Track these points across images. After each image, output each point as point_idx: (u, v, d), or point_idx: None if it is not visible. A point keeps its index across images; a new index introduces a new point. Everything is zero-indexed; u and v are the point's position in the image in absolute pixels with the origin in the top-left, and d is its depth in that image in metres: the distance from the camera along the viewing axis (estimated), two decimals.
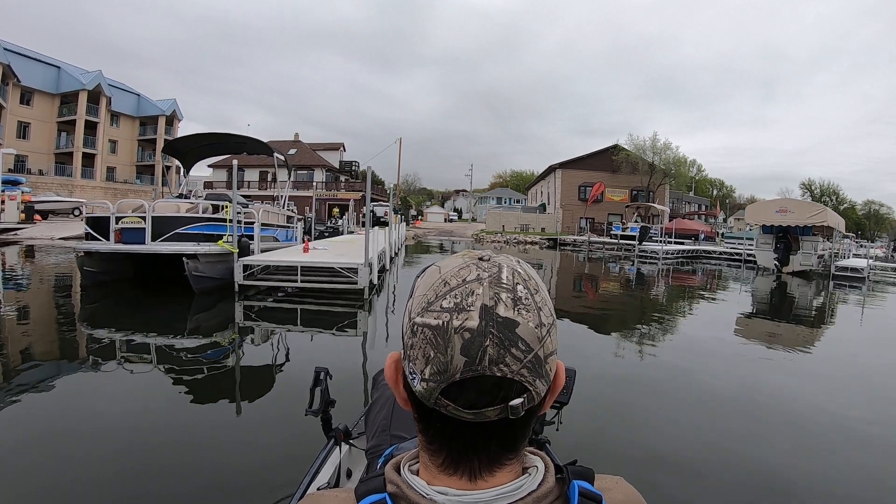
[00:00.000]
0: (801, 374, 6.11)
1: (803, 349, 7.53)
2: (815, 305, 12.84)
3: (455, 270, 0.55)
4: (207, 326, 7.47)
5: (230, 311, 8.27)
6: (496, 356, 0.50)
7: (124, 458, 3.19)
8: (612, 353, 6.82)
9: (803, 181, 78.40)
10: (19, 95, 40.67)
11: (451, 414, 0.53)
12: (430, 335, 0.52)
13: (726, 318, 10.04)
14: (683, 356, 6.63)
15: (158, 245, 8.99)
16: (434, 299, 0.53)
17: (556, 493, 0.57)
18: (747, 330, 9.03)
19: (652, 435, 3.93)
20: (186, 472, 3.08)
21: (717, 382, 5.46)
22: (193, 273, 8.73)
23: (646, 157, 42.89)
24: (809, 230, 20.44)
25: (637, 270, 20.82)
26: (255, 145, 12.69)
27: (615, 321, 9.55)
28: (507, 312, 0.52)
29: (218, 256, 9.24)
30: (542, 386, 0.54)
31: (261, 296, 9.24)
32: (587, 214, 44.36)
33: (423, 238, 39.99)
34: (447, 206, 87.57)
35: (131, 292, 9.65)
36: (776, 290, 16.07)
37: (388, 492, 0.56)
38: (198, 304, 8.59)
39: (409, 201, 72.50)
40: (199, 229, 9.22)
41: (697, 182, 71.58)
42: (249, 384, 4.95)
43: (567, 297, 12.62)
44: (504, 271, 0.55)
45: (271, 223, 12.51)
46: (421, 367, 0.53)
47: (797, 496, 3.11)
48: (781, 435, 4.05)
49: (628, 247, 30.34)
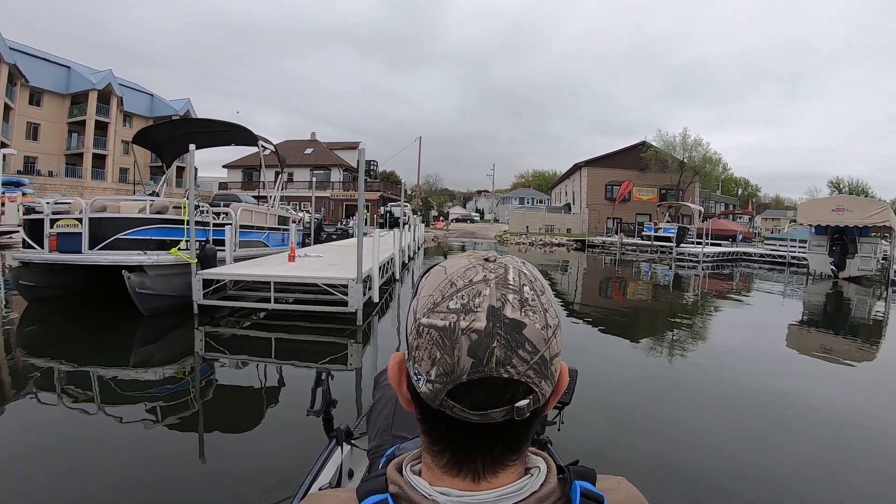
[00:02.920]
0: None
1: (872, 369, 6.54)
2: (882, 317, 11.00)
3: (461, 271, 0.54)
4: (153, 360, 5.68)
5: (183, 343, 6.37)
6: (503, 357, 0.50)
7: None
8: (673, 363, 6.46)
9: (831, 179, 75.21)
10: (28, 96, 40.04)
11: (456, 415, 0.52)
12: (436, 336, 0.51)
13: (778, 326, 9.15)
14: (735, 365, 6.26)
15: (94, 255, 7.07)
16: (440, 300, 0.53)
17: (558, 494, 0.57)
18: (804, 344, 7.92)
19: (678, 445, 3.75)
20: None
21: (757, 395, 4.99)
22: (138, 290, 6.79)
23: (675, 154, 41.13)
24: (867, 231, 18.34)
25: (675, 275, 19.07)
26: (240, 134, 10.66)
27: (665, 330, 8.65)
28: (515, 314, 0.51)
29: (173, 268, 7.30)
30: (547, 387, 0.54)
31: (236, 318, 7.29)
32: (614, 214, 42.61)
33: (443, 240, 38.05)
34: (469, 206, 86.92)
35: (74, 312, 7.81)
36: (834, 297, 14.11)
37: (390, 492, 0.56)
38: (145, 331, 6.70)
39: (430, 202, 70.99)
40: (149, 234, 7.27)
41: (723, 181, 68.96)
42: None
43: (610, 305, 11.35)
44: (510, 272, 0.55)
45: (257, 225, 10.53)
46: (427, 368, 0.52)
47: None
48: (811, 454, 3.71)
49: (664, 249, 28.36)
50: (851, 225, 17.91)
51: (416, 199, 55.65)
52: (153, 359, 5.78)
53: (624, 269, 20.94)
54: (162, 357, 5.84)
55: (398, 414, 1.52)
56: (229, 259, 8.20)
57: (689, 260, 24.53)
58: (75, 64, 43.50)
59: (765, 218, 70.34)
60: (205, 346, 6.27)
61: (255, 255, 9.86)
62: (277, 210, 11.99)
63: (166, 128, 10.66)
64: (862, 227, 17.99)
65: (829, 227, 18.68)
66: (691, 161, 40.76)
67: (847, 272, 18.12)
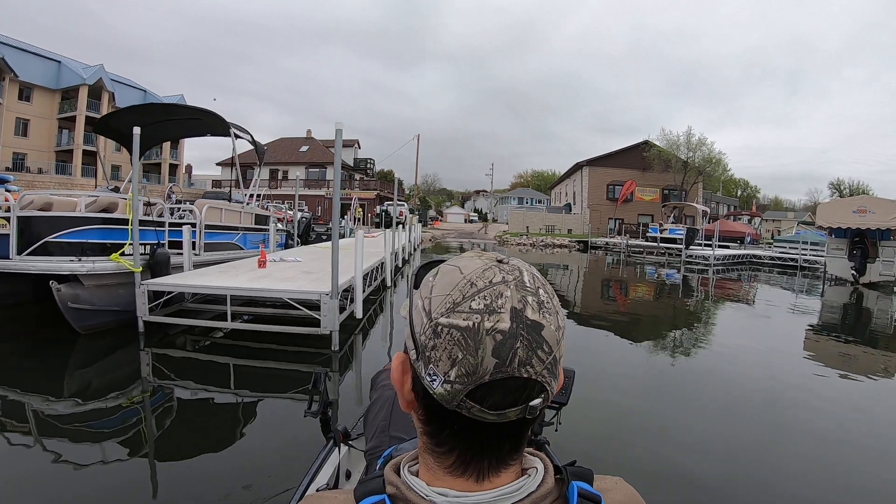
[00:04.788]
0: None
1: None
2: None
3: (479, 272, 0.54)
4: (86, 390, 4.65)
5: (123, 368, 5.30)
6: (525, 358, 0.51)
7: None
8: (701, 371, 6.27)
9: (831, 181, 73.88)
10: (17, 91, 38.97)
11: (473, 416, 0.52)
12: (458, 336, 0.51)
13: (796, 335, 8.73)
14: (751, 372, 6.05)
15: (21, 261, 5.94)
16: (461, 300, 0.52)
17: (555, 494, 0.57)
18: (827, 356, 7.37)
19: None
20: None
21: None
22: (70, 305, 5.68)
23: (679, 153, 40.22)
24: (888, 234, 17.52)
25: (685, 278, 18.28)
26: (213, 122, 9.44)
27: (688, 337, 8.37)
28: (535, 315, 0.52)
29: (117, 277, 6.18)
30: (555, 386, 0.55)
31: (196, 337, 6.15)
32: (616, 215, 41.90)
33: (441, 240, 37.02)
34: (467, 206, 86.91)
35: (14, 324, 6.71)
36: (855, 305, 13.37)
37: (388, 493, 0.56)
38: (80, 354, 5.61)
39: (428, 201, 70.47)
40: (86, 236, 6.13)
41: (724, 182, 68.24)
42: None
43: (629, 311, 10.75)
44: (525, 275, 0.55)
45: (228, 225, 9.36)
46: (445, 368, 0.52)
47: None
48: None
49: (671, 251, 27.41)
50: (874, 227, 17.25)
51: (415, 199, 54.66)
52: (87, 389, 4.76)
53: (633, 273, 20.02)
54: (96, 387, 4.81)
55: (396, 415, 1.51)
56: (187, 265, 7.05)
57: (698, 263, 23.68)
58: (66, 59, 42.39)
59: (765, 219, 69.89)
60: (152, 371, 5.26)
61: (227, 259, 8.73)
62: (254, 208, 10.75)
63: (132, 115, 9.44)
64: (885, 230, 17.27)
65: (848, 229, 17.91)
66: (695, 160, 39.88)
67: (867, 277, 17.42)
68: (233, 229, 9.47)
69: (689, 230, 27.80)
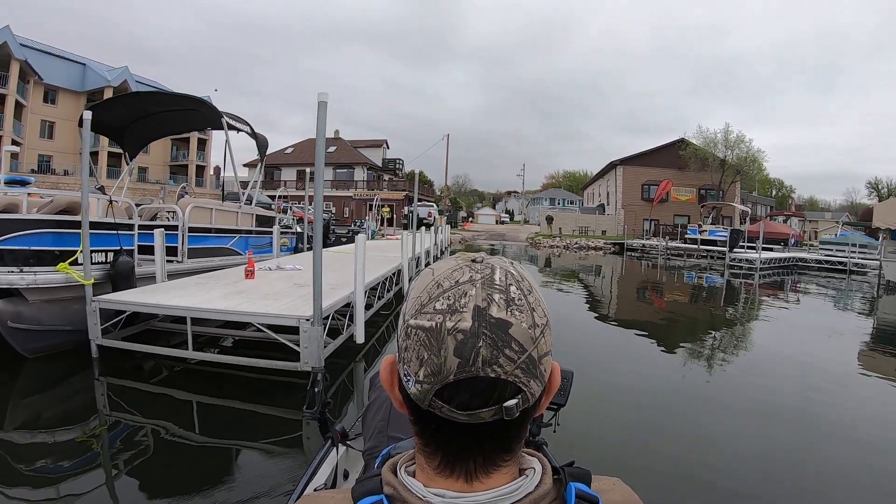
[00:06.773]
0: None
1: None
2: None
3: (448, 272, 0.54)
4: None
5: (69, 401, 4.27)
6: (489, 357, 0.50)
7: None
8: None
9: (869, 180, 70.50)
10: (42, 94, 39.41)
11: (445, 416, 0.52)
12: (423, 337, 0.51)
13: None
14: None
15: None
16: (427, 301, 0.53)
17: (553, 495, 0.57)
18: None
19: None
20: None
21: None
22: (10, 325, 4.64)
23: (717, 151, 38.31)
24: None
25: (728, 283, 17.08)
26: (204, 111, 8.40)
27: (737, 343, 8.21)
28: (500, 313, 0.51)
29: (71, 291, 5.11)
30: (536, 387, 0.53)
31: (174, 363, 5.01)
32: (652, 216, 40.05)
33: (471, 241, 35.73)
34: (498, 207, 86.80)
35: None
36: None
37: (385, 493, 0.55)
38: (26, 379, 4.61)
39: (458, 202, 69.70)
40: (31, 242, 5.02)
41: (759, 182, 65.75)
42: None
43: (681, 317, 9.86)
44: (497, 272, 0.54)
45: (221, 227, 8.19)
46: (415, 368, 0.52)
47: None
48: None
49: (713, 254, 25.69)
50: None
51: (445, 200, 53.54)
52: (36, 420, 3.97)
53: (676, 278, 18.46)
54: (46, 419, 3.97)
55: (393, 415, 1.50)
56: (160, 275, 5.90)
57: (743, 267, 21.96)
58: (90, 61, 42.73)
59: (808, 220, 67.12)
60: (108, 404, 4.30)
61: (218, 266, 7.63)
62: (254, 208, 9.54)
63: (121, 107, 8.44)
64: None
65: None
66: (734, 158, 37.95)
67: None
68: (228, 232, 8.34)
69: (734, 232, 25.91)
